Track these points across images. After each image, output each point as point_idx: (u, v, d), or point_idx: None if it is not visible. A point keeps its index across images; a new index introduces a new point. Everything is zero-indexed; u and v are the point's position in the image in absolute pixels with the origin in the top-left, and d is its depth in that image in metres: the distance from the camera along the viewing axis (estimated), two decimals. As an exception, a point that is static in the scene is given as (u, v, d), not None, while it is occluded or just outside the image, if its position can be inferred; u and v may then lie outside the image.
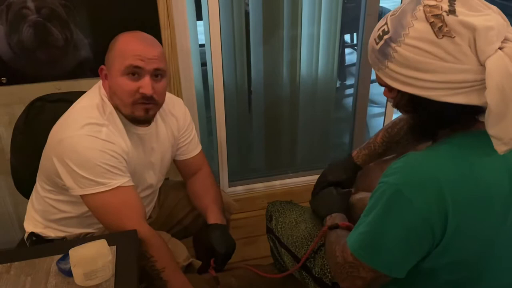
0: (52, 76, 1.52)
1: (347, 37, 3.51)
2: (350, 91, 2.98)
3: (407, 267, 0.79)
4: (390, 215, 0.75)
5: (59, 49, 1.48)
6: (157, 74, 1.11)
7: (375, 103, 2.87)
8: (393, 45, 0.74)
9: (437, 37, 0.69)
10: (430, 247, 0.75)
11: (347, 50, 3.50)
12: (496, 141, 0.70)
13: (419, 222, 0.73)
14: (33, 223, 1.24)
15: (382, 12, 2.72)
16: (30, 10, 1.41)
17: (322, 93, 2.10)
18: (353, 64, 3.26)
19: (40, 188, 1.22)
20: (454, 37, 0.69)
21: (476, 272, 0.78)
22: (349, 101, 2.77)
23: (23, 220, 1.28)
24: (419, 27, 0.71)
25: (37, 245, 1.20)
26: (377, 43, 0.78)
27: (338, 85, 3.02)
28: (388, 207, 0.75)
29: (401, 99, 0.80)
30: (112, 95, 1.12)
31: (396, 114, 2.35)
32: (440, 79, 0.70)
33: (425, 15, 0.71)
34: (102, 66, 1.14)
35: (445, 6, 0.71)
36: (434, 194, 0.71)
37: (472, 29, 0.68)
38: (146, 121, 1.16)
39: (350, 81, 3.20)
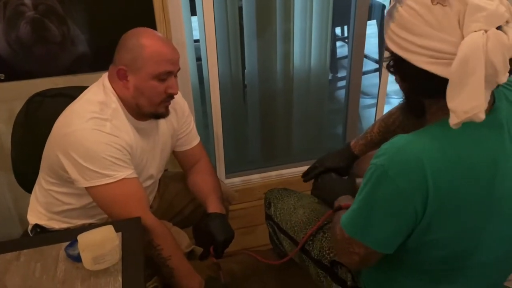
0: (50, 71, 1.54)
1: (337, 30, 3.55)
2: (342, 83, 3.03)
3: (394, 243, 0.83)
4: (377, 194, 0.79)
5: (56, 44, 1.50)
6: (175, 74, 1.17)
7: (367, 94, 2.92)
8: (398, 6, 0.78)
9: (432, 2, 0.73)
10: (414, 225, 0.80)
11: (338, 43, 3.54)
12: (451, 114, 0.72)
13: (402, 201, 0.77)
14: (37, 215, 1.27)
15: (372, 5, 2.75)
16: (27, 6, 1.43)
17: (315, 86, 2.14)
18: (344, 57, 3.31)
19: (43, 181, 1.24)
20: (446, 6, 0.72)
21: (464, 249, 0.82)
22: (341, 93, 2.82)
23: (23, 216, 1.30)
24: None
25: (44, 234, 1.22)
26: (389, 7, 0.82)
27: (330, 77, 3.07)
28: (375, 187, 0.79)
29: (391, 61, 0.82)
30: (139, 95, 1.15)
31: (387, 105, 2.39)
32: (423, 44, 0.73)
33: None
34: (122, 67, 1.13)
35: None
36: (417, 175, 0.75)
37: (464, 3, 0.70)
38: (166, 115, 1.22)
39: (341, 73, 3.25)
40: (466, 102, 0.70)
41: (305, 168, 1.66)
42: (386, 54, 0.84)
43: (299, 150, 2.24)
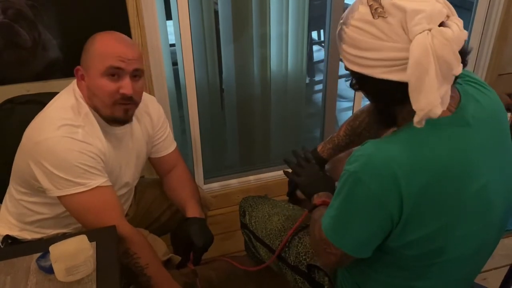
0: (20, 78, 1.50)
1: (314, 34, 3.59)
2: (319, 87, 3.06)
3: (370, 248, 0.85)
4: (352, 201, 0.81)
5: (27, 50, 1.46)
6: (135, 75, 1.13)
7: (343, 97, 2.95)
8: (344, 27, 0.82)
9: (373, 17, 0.76)
10: (390, 228, 0.81)
11: (314, 47, 3.57)
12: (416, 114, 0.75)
13: (377, 207, 0.79)
14: (8, 226, 1.23)
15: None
16: (-4, 11, 1.39)
17: (293, 89, 2.15)
18: (321, 61, 3.34)
19: (14, 191, 1.21)
20: (387, 17, 0.75)
21: (438, 247, 0.84)
22: (318, 96, 2.84)
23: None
24: (361, 10, 0.79)
25: (15, 245, 1.19)
26: (337, 30, 0.86)
27: (307, 81, 3.09)
28: (350, 193, 0.81)
29: (352, 78, 0.86)
30: (92, 96, 1.12)
31: (364, 108, 2.43)
32: (376, 57, 0.76)
33: None
34: (79, 67, 1.13)
35: None
36: (389, 179, 0.77)
37: (402, 10, 0.74)
38: (125, 121, 1.17)
39: (318, 77, 3.28)
40: (422, 100, 0.73)
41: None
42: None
43: (277, 154, 2.25)
